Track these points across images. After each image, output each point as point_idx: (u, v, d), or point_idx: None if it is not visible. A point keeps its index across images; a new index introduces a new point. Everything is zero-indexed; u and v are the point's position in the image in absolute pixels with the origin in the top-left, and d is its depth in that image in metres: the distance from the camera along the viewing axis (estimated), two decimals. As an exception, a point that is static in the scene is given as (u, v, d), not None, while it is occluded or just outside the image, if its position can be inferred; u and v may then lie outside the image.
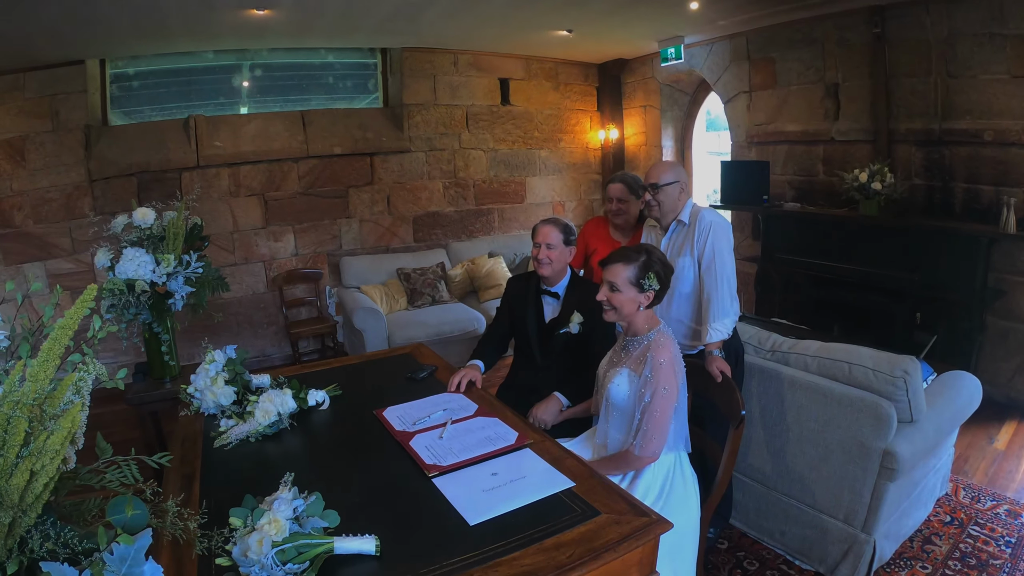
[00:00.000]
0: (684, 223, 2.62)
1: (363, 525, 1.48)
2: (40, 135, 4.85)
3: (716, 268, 2.51)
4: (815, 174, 5.21)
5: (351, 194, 5.99)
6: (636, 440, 2.00)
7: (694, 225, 2.58)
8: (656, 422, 1.97)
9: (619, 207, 3.17)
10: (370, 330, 4.91)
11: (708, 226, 2.53)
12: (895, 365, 2.39)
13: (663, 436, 1.99)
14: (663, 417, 1.97)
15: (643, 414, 1.99)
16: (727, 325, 2.49)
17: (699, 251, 2.55)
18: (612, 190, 3.19)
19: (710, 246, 2.52)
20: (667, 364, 1.98)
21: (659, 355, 1.99)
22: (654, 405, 1.97)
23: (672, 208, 2.61)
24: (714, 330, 2.48)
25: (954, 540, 2.77)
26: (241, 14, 4.25)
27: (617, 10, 4.76)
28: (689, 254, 2.57)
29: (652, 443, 1.98)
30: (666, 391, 1.97)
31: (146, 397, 2.92)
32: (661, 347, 2.01)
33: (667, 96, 6.70)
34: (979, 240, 3.98)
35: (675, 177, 2.57)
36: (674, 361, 2.02)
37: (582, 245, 3.34)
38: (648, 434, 1.97)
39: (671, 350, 2.02)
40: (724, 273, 2.51)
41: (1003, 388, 4.14)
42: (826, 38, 4.92)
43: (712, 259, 2.51)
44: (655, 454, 2.00)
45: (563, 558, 1.40)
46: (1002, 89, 3.94)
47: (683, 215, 2.62)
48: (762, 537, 2.85)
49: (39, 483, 1.01)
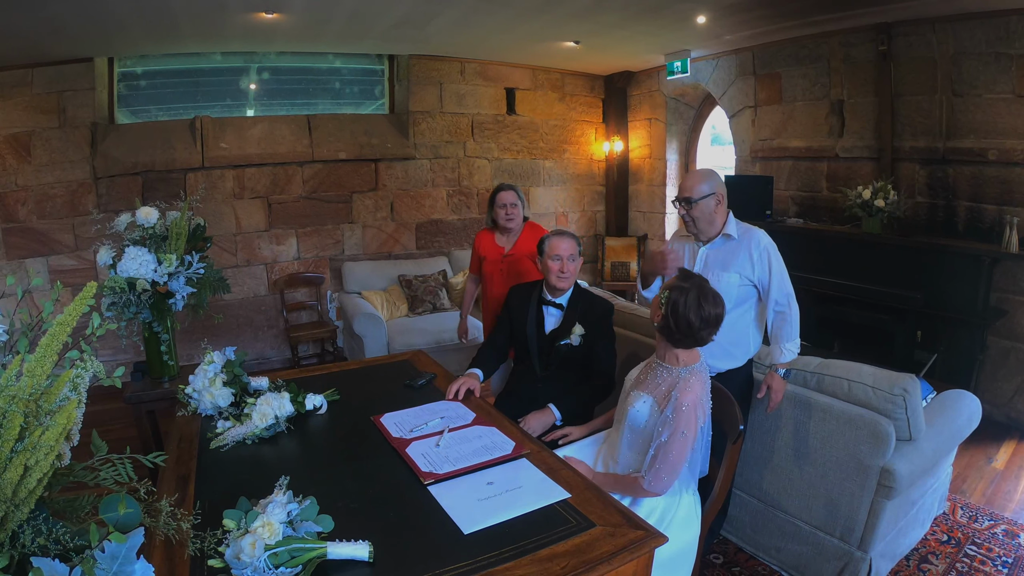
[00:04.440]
0: (732, 237, 2.50)
1: (357, 531, 1.47)
2: (46, 131, 4.88)
3: (787, 290, 2.49)
4: (818, 190, 5.22)
5: (355, 199, 6.00)
6: (647, 474, 1.96)
7: (747, 245, 2.48)
8: (670, 463, 1.93)
9: (511, 212, 3.42)
10: (370, 336, 4.91)
11: (765, 249, 2.47)
12: (895, 383, 2.38)
13: (674, 476, 1.96)
14: (678, 459, 1.94)
15: (658, 451, 1.94)
16: (799, 344, 2.52)
17: (760, 275, 2.47)
18: (504, 197, 3.44)
19: (776, 270, 2.47)
20: (690, 408, 1.93)
21: (684, 397, 1.94)
22: (670, 446, 1.92)
23: (710, 221, 2.50)
24: (787, 351, 2.52)
25: (951, 560, 2.75)
26: (251, 17, 4.28)
27: (625, 23, 4.78)
28: (736, 271, 2.48)
29: (662, 481, 1.95)
30: (684, 435, 1.92)
31: (144, 396, 2.91)
32: (688, 389, 1.96)
33: (672, 109, 6.72)
34: (981, 259, 3.98)
35: (710, 189, 2.45)
36: (698, 405, 1.96)
37: (476, 257, 3.66)
38: (659, 472, 1.94)
39: (698, 393, 1.97)
40: (791, 294, 2.50)
41: (1003, 408, 4.13)
42: (832, 55, 4.94)
43: (781, 282, 2.48)
44: (663, 492, 1.97)
45: (557, 569, 1.39)
46: (1007, 108, 3.96)
47: (729, 229, 2.50)
48: (758, 553, 2.83)
49: (33, 478, 1.01)
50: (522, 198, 3.47)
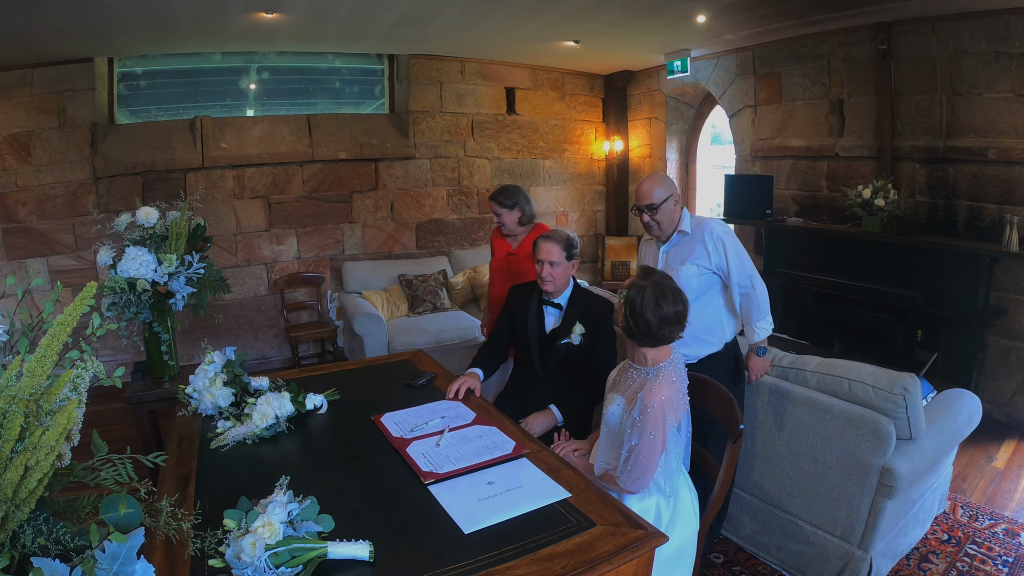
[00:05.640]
0: (686, 232, 2.61)
1: (357, 531, 1.48)
2: (46, 131, 4.88)
3: (747, 271, 2.57)
4: (819, 190, 5.22)
5: (355, 199, 6.00)
6: (621, 475, 1.95)
7: (701, 236, 2.57)
8: (641, 464, 1.91)
9: (501, 220, 3.45)
10: (370, 336, 4.91)
11: (719, 237, 2.55)
12: (895, 382, 2.38)
13: (648, 475, 1.94)
14: (648, 460, 1.91)
15: (629, 453, 1.93)
16: (771, 322, 2.60)
17: (718, 263, 2.56)
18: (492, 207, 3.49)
19: (733, 255, 2.55)
20: (656, 410, 1.88)
21: (650, 399, 1.90)
22: (640, 448, 1.90)
23: (671, 222, 2.61)
24: (760, 329, 2.61)
25: (951, 559, 2.75)
26: (251, 17, 4.28)
27: (625, 22, 4.78)
28: (693, 262, 2.57)
29: (636, 481, 1.93)
30: (652, 436, 1.89)
31: (144, 396, 2.91)
32: (655, 391, 1.92)
33: (672, 109, 6.72)
34: (981, 258, 3.98)
35: (667, 192, 2.56)
36: (667, 405, 1.91)
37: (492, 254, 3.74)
38: (632, 473, 1.93)
39: (666, 393, 1.92)
40: (754, 274, 2.58)
41: (1003, 407, 4.13)
42: (832, 54, 4.94)
43: (739, 265, 2.56)
44: (638, 491, 1.96)
45: (557, 569, 1.39)
46: (1007, 108, 3.95)
47: (683, 225, 2.61)
48: (758, 552, 2.83)
49: (33, 478, 1.01)
50: (517, 201, 3.40)
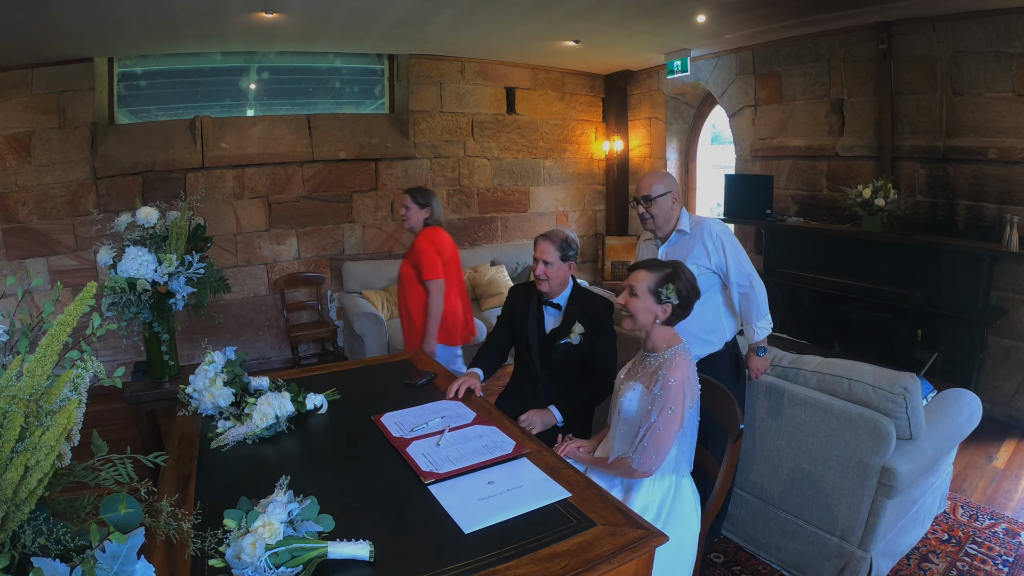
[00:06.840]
0: (685, 232, 2.61)
1: (357, 530, 1.47)
2: (46, 131, 4.87)
3: (746, 271, 2.58)
4: (819, 189, 5.22)
5: (355, 199, 6.00)
6: (635, 454, 1.99)
7: (700, 236, 2.58)
8: (657, 440, 1.96)
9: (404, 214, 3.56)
10: (370, 335, 4.90)
11: (718, 236, 2.56)
12: (895, 382, 2.38)
13: (662, 455, 1.98)
14: (665, 437, 1.96)
15: (647, 431, 1.98)
16: (770, 321, 2.62)
17: (717, 262, 2.56)
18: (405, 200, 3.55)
19: (732, 255, 2.56)
20: (677, 385, 1.96)
21: (671, 374, 1.98)
22: (658, 423, 1.96)
23: (667, 219, 2.61)
24: (759, 328, 2.62)
25: (951, 559, 2.76)
26: (251, 17, 4.28)
27: (625, 22, 4.78)
28: (693, 262, 2.55)
29: (650, 460, 1.97)
30: (672, 411, 1.95)
31: (144, 396, 2.91)
32: (675, 367, 2.00)
33: (672, 109, 6.72)
34: (982, 258, 3.98)
35: (666, 188, 2.57)
36: (685, 382, 1.99)
37: None
38: (647, 451, 1.97)
39: (685, 371, 2.00)
40: (753, 274, 2.59)
41: (1003, 406, 4.13)
42: (832, 54, 4.94)
43: (738, 265, 2.57)
44: (651, 471, 1.99)
45: (557, 568, 1.39)
46: (1007, 107, 3.95)
47: (682, 224, 2.61)
48: (758, 551, 2.83)
49: (33, 478, 1.01)
50: (417, 200, 3.51)
